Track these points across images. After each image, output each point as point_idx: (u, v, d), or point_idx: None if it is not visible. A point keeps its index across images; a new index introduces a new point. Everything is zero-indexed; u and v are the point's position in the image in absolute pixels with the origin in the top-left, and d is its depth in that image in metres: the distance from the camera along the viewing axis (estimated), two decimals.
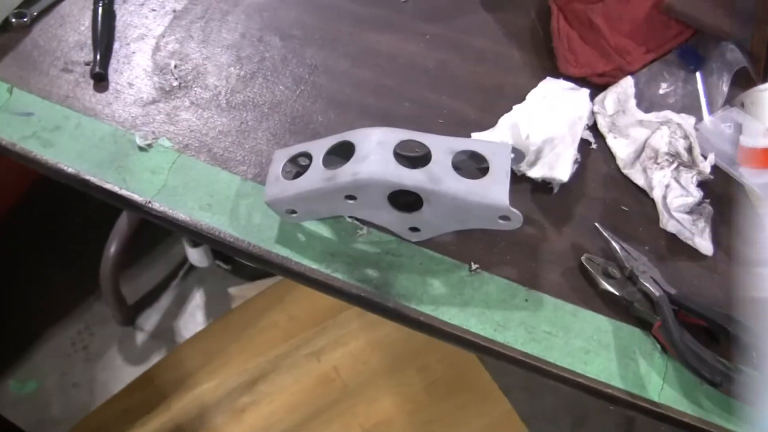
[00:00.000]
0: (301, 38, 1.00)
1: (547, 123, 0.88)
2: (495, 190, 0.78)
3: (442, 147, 0.80)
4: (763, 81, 0.95)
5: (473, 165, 0.83)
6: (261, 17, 1.02)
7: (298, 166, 0.85)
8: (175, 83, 0.94)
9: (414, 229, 0.83)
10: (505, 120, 0.91)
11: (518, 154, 0.83)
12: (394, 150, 0.79)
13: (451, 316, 0.80)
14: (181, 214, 0.85)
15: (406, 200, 0.80)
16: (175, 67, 0.96)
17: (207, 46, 0.98)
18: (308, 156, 0.84)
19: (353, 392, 1.22)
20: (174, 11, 1.01)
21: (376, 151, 0.78)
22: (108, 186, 0.87)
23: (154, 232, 2.01)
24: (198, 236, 0.85)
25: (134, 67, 0.95)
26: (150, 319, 1.98)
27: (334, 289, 0.82)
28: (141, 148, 0.89)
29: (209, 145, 0.90)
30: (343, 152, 0.82)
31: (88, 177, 0.87)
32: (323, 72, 0.97)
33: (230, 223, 0.85)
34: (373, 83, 0.96)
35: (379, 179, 0.77)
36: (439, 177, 0.78)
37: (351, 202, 0.80)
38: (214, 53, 0.97)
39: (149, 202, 0.85)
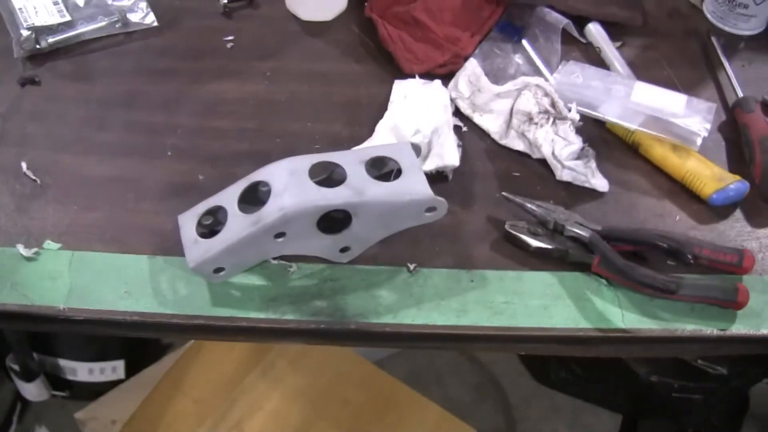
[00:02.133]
0: (144, 106, 0.96)
1: (423, 117, 0.91)
2: (415, 185, 0.80)
3: (352, 160, 0.81)
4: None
5: (375, 173, 0.84)
6: (97, 96, 0.97)
7: (202, 226, 0.82)
8: (35, 182, 0.88)
9: (344, 249, 0.83)
10: (382, 125, 0.92)
11: (417, 150, 0.85)
12: None
13: (413, 317, 0.80)
14: (104, 310, 0.79)
15: (330, 223, 0.80)
16: (27, 168, 0.89)
17: (51, 138, 0.92)
18: (212, 212, 0.81)
19: None
20: (1, 116, 0.94)
21: (292, 182, 0.77)
22: (10, 308, 0.78)
23: None
24: (131, 328, 0.80)
25: None
26: None
27: (291, 331, 0.79)
28: (29, 258, 0.82)
29: (99, 234, 0.84)
30: (250, 198, 0.80)
31: None
32: (182, 133, 0.94)
33: (159, 303, 0.79)
34: (235, 130, 0.95)
35: (307, 207, 0.76)
36: (361, 188, 0.78)
37: (280, 240, 0.78)
38: (63, 143, 0.92)
39: (63, 309, 0.78)
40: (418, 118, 0.91)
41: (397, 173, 0.82)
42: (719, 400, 1.58)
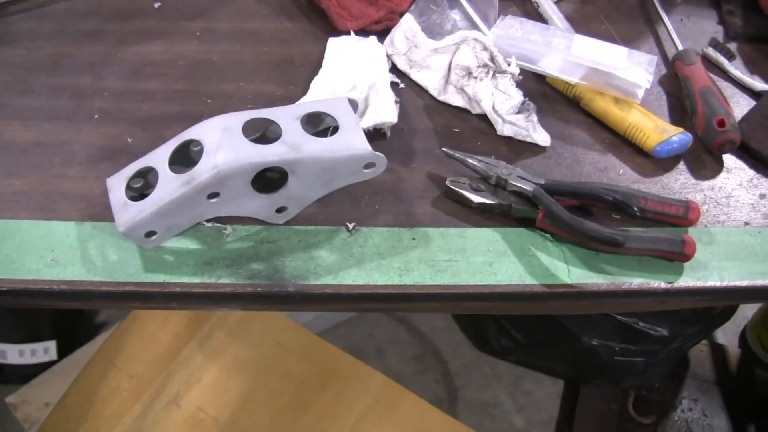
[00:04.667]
0: (69, 69, 0.91)
1: (360, 73, 0.88)
2: (354, 140, 0.78)
3: (287, 116, 0.78)
4: None
5: (311, 130, 0.81)
6: (18, 60, 0.92)
7: (131, 189, 0.78)
8: None
9: (280, 210, 0.80)
10: (317, 83, 0.89)
11: (354, 105, 0.82)
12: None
13: (354, 277, 0.77)
14: (29, 280, 0.74)
15: (266, 183, 0.77)
16: None
17: None
18: (142, 174, 0.78)
19: (229, 424, 1.14)
20: None
21: (225, 139, 0.74)
22: None
23: None
24: (58, 297, 0.75)
25: None
26: None
27: (227, 295, 0.76)
28: None
29: (24, 201, 0.80)
30: (181, 158, 0.77)
31: None
32: (109, 96, 0.89)
33: (87, 271, 0.75)
34: (165, 91, 0.91)
35: (241, 164, 0.73)
36: (297, 144, 0.75)
37: (214, 200, 0.75)
38: None
39: None
40: (354, 74, 0.88)
41: (333, 131, 0.79)
42: (660, 361, 1.59)
